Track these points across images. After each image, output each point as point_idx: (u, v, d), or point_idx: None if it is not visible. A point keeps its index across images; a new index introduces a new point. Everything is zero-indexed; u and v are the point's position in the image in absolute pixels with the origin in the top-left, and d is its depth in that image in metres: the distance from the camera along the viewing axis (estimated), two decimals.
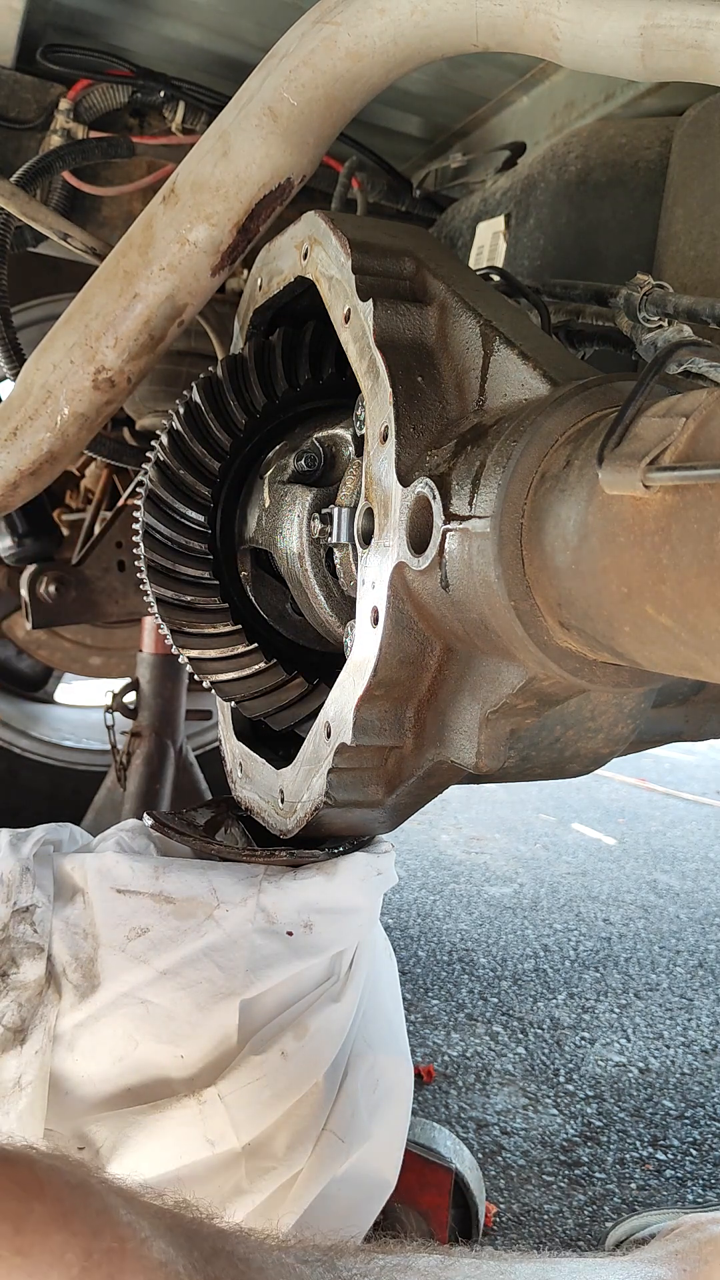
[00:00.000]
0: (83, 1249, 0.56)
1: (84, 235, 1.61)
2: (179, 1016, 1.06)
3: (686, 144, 1.35)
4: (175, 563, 1.21)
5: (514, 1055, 2.50)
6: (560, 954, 3.19)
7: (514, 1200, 1.95)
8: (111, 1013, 1.06)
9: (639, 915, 3.61)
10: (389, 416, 0.95)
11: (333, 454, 1.18)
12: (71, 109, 1.93)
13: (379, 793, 1.06)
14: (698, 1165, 2.12)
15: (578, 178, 1.49)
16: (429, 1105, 2.24)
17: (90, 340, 1.32)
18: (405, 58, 1.10)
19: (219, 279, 1.31)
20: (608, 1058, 2.54)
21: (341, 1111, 1.09)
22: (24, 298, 2.57)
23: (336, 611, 1.16)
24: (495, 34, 1.02)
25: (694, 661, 0.70)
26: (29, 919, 1.10)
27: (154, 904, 1.11)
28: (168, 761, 2.52)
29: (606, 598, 0.72)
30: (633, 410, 0.71)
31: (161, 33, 1.93)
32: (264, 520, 1.22)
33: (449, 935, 3.27)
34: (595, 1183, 2.03)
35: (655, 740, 1.38)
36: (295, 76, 1.14)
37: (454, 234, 1.81)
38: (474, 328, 0.96)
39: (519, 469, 0.80)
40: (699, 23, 0.88)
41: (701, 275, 1.29)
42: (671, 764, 6.44)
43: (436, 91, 2.03)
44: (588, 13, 0.93)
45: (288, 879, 1.12)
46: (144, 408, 2.26)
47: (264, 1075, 1.04)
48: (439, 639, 0.97)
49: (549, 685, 0.87)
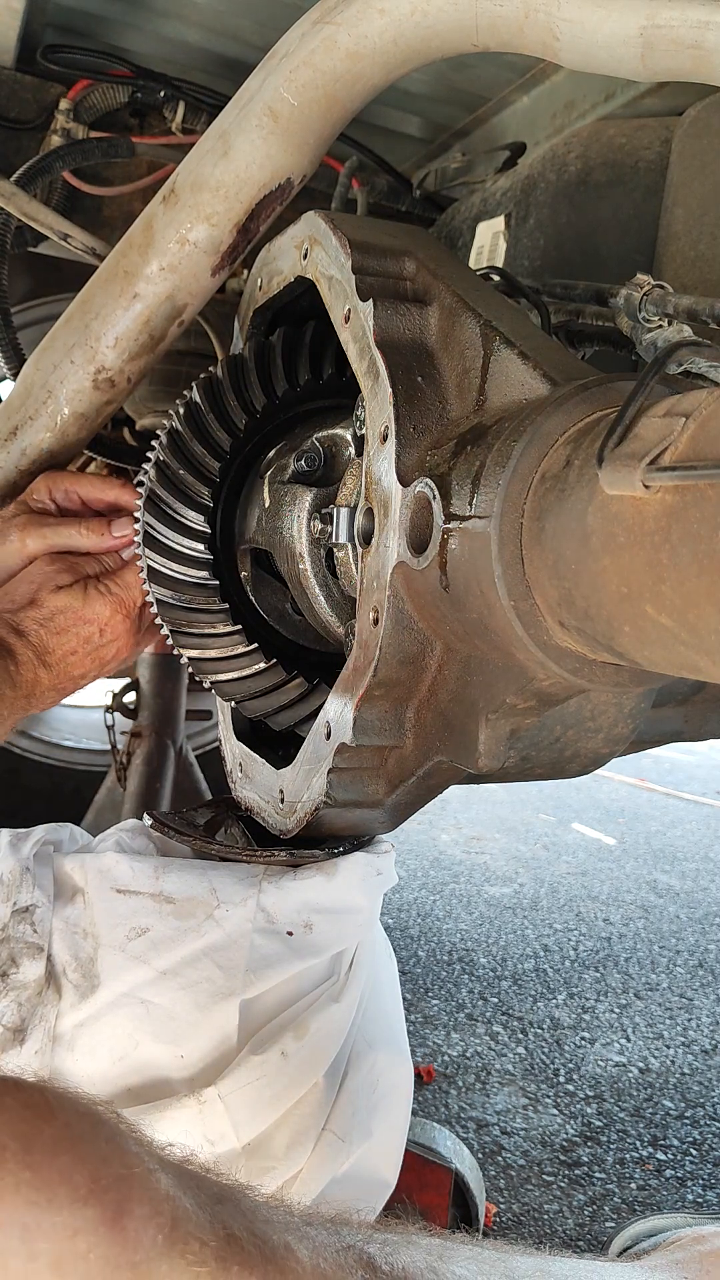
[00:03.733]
0: (91, 1172, 0.56)
1: (84, 235, 1.61)
2: (179, 1016, 1.06)
3: (686, 144, 1.35)
4: (175, 563, 1.21)
5: (514, 1055, 2.50)
6: (560, 954, 3.19)
7: (514, 1200, 1.95)
8: (111, 1013, 1.06)
9: (639, 915, 3.61)
10: (389, 416, 0.95)
11: (333, 454, 1.18)
12: (71, 109, 1.93)
13: (379, 793, 1.06)
14: (698, 1165, 2.12)
15: (578, 178, 1.49)
16: (429, 1105, 2.24)
17: (90, 340, 1.32)
18: (405, 58, 1.10)
19: (219, 279, 1.31)
20: (608, 1058, 2.54)
21: (341, 1111, 1.09)
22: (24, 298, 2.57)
23: (336, 611, 1.16)
24: (495, 34, 1.02)
25: (694, 661, 0.70)
26: (29, 919, 1.10)
27: (154, 904, 1.11)
28: (168, 761, 2.52)
29: (606, 598, 0.72)
30: (633, 410, 0.71)
31: (161, 33, 1.93)
32: (264, 520, 1.22)
33: (449, 935, 3.27)
34: (595, 1183, 2.03)
35: (655, 740, 1.38)
36: (295, 76, 1.14)
37: (454, 234, 1.81)
38: (474, 328, 0.96)
39: (519, 469, 0.80)
40: (699, 23, 0.88)
41: (701, 275, 1.29)
42: (671, 764, 6.44)
43: (436, 91, 2.03)
44: (588, 13, 0.93)
45: (288, 879, 1.12)
46: (144, 408, 2.26)
47: (264, 1075, 1.04)
48: (439, 639, 0.97)
49: (549, 685, 0.87)
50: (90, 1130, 0.59)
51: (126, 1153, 0.59)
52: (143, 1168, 0.59)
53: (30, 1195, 0.53)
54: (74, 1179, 0.55)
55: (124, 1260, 0.54)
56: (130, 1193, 0.56)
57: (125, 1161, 0.58)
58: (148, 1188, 0.58)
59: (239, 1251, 0.58)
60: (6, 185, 1.63)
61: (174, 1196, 0.59)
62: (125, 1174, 0.57)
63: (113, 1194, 0.56)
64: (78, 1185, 0.55)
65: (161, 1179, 0.59)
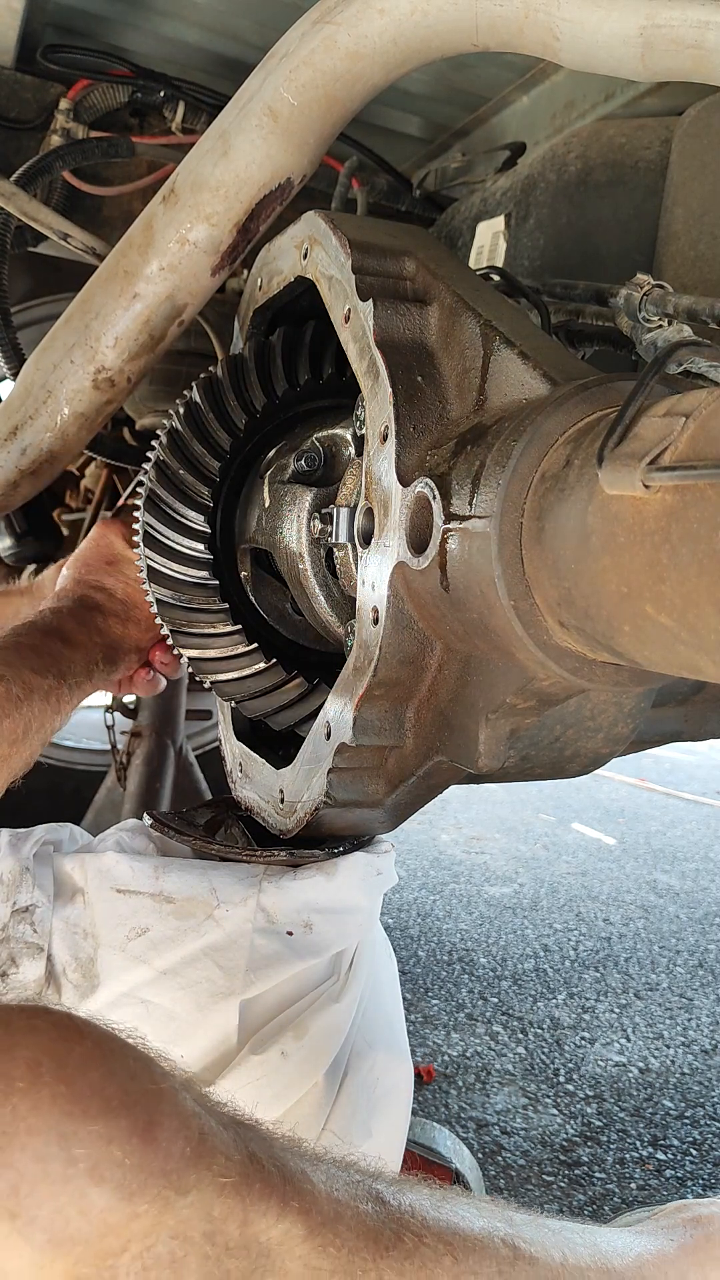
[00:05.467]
0: (121, 1086, 0.59)
1: (84, 235, 1.61)
2: (179, 1016, 1.06)
3: (686, 144, 1.35)
4: (175, 563, 1.21)
5: (514, 1055, 2.50)
6: (560, 954, 3.19)
7: (514, 1200, 1.95)
8: (111, 1012, 1.06)
9: (639, 915, 3.61)
10: (389, 416, 0.95)
11: (333, 454, 1.18)
12: (71, 109, 1.93)
13: (379, 792, 1.06)
14: (698, 1165, 2.12)
15: (578, 178, 1.49)
16: (429, 1105, 2.24)
17: (90, 340, 1.32)
18: (405, 58, 1.10)
19: (219, 279, 1.31)
20: (608, 1057, 2.54)
21: (341, 1111, 1.09)
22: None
23: (336, 611, 1.16)
24: (495, 34, 1.02)
25: (694, 661, 0.70)
26: (29, 919, 1.10)
27: (154, 904, 1.11)
28: (168, 761, 2.52)
29: (606, 598, 0.72)
30: (633, 410, 0.71)
31: (161, 32, 1.93)
32: (264, 520, 1.22)
33: (449, 935, 3.27)
34: (595, 1182, 2.03)
35: (655, 740, 1.38)
36: (295, 76, 1.14)
37: (454, 234, 1.81)
38: (474, 328, 0.96)
39: (519, 469, 0.80)
40: (699, 23, 0.88)
41: (701, 275, 1.29)
42: (671, 764, 6.44)
43: (436, 91, 2.03)
44: (588, 13, 0.93)
45: (288, 879, 1.12)
46: (144, 408, 2.26)
47: (264, 1075, 1.04)
48: (439, 639, 0.97)
49: (549, 685, 0.87)
50: (119, 1049, 0.62)
51: (154, 1071, 0.62)
52: (169, 1084, 0.62)
53: (66, 1106, 0.56)
54: (106, 1092, 0.58)
55: (156, 1168, 0.57)
56: (160, 1105, 0.59)
57: (153, 1078, 0.61)
58: (175, 1103, 0.61)
59: (260, 1170, 0.62)
60: (6, 185, 1.63)
61: (199, 1113, 0.62)
62: (153, 1089, 0.60)
63: (142, 1106, 0.58)
64: (110, 1098, 0.57)
65: (187, 1098, 0.62)
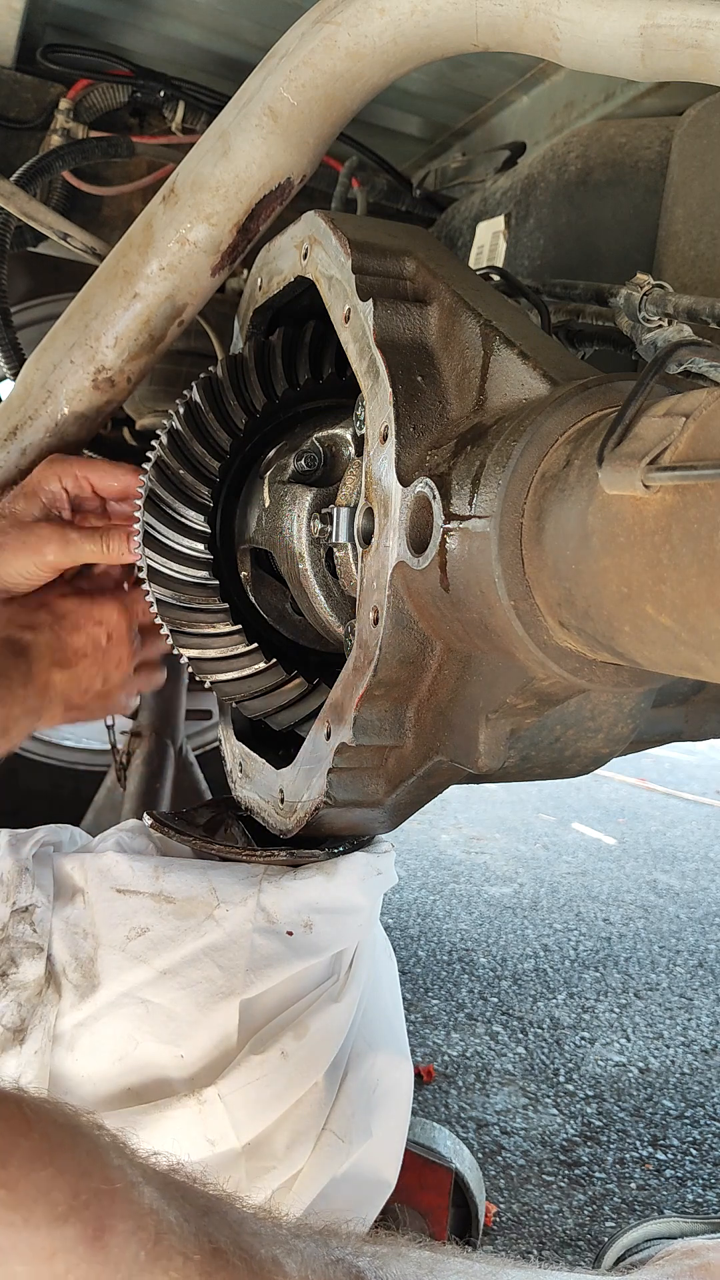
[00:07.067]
0: (70, 1187, 0.54)
1: (84, 235, 1.61)
2: (179, 1016, 1.06)
3: (686, 144, 1.35)
4: (175, 562, 1.21)
5: (514, 1055, 2.50)
6: (560, 954, 3.19)
7: (514, 1200, 1.95)
8: (111, 1012, 1.06)
9: (639, 915, 3.61)
10: (389, 416, 0.95)
11: (333, 454, 1.18)
12: (71, 109, 1.93)
13: (379, 792, 1.06)
14: (698, 1165, 2.12)
15: (578, 178, 1.49)
16: (429, 1105, 2.24)
17: (90, 340, 1.31)
18: (405, 57, 1.10)
19: (219, 279, 1.30)
20: (608, 1057, 2.54)
21: (341, 1111, 1.09)
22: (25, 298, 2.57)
23: (336, 611, 1.16)
24: (495, 34, 1.02)
25: (694, 661, 0.70)
26: (28, 919, 1.10)
27: (154, 904, 1.11)
28: (168, 761, 2.52)
29: (606, 598, 0.72)
30: (633, 410, 0.71)
31: (161, 32, 1.93)
32: (264, 520, 1.22)
33: (449, 935, 3.27)
34: (595, 1182, 2.03)
35: (655, 740, 1.38)
36: (295, 76, 1.14)
37: (454, 234, 1.81)
38: (474, 328, 0.96)
39: (519, 469, 0.80)
40: (699, 23, 0.88)
41: (701, 275, 1.29)
42: (671, 764, 6.44)
43: (436, 91, 2.03)
44: (588, 13, 0.93)
45: (288, 879, 1.12)
46: (144, 408, 2.26)
47: (264, 1075, 1.04)
48: (439, 639, 0.97)
49: (549, 685, 0.87)
50: (70, 1142, 0.57)
51: (108, 1165, 0.57)
52: (125, 1181, 0.57)
53: (5, 1215, 0.51)
54: (52, 1195, 0.53)
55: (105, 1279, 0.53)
56: (111, 1207, 0.55)
57: (106, 1175, 0.56)
58: (130, 1202, 0.56)
59: (224, 1266, 0.57)
60: (6, 185, 1.63)
61: (157, 1210, 0.57)
62: (106, 1188, 0.55)
63: (93, 1209, 0.54)
64: (56, 1202, 0.53)
65: (145, 1192, 0.57)
